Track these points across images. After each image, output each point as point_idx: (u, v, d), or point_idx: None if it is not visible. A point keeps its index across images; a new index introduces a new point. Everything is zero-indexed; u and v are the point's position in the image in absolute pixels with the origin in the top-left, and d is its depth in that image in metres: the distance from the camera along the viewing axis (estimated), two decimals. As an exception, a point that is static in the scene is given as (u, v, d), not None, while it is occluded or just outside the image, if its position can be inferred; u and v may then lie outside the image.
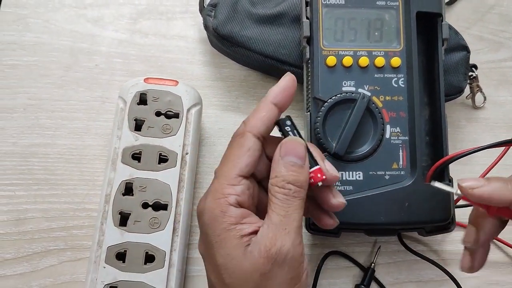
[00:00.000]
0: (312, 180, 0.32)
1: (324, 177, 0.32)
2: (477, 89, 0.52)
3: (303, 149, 0.31)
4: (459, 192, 0.32)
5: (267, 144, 0.34)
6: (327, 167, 0.33)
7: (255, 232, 0.30)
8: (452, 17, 0.56)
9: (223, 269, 0.29)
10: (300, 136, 0.34)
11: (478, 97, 0.52)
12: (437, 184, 0.35)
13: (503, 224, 0.34)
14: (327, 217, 0.35)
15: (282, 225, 0.29)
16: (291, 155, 0.31)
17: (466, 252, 0.36)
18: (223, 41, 0.48)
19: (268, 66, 0.49)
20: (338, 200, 0.33)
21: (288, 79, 0.33)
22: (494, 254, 0.48)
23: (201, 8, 0.50)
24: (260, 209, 0.33)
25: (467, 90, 0.51)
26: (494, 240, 0.47)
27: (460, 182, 0.31)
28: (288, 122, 0.34)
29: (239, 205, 0.30)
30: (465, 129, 0.52)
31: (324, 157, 0.34)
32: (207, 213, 0.30)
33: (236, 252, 0.29)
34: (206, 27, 0.49)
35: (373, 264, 0.45)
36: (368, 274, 0.45)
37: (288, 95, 0.33)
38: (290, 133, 0.34)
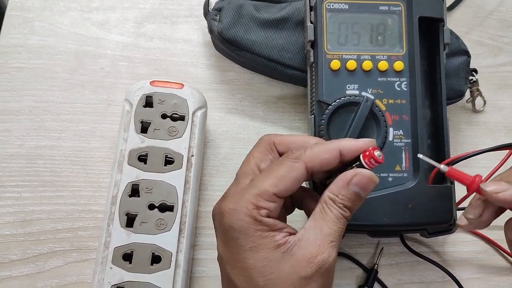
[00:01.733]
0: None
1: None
2: (477, 93, 0.53)
3: (373, 187, 0.33)
4: (445, 169, 0.35)
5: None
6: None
7: (288, 236, 0.31)
8: (452, 23, 0.57)
9: (257, 271, 0.30)
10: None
11: (478, 101, 0.53)
12: (422, 157, 0.37)
13: None
14: None
15: (331, 238, 0.31)
16: (362, 188, 0.32)
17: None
18: (227, 44, 0.49)
19: (272, 70, 0.49)
20: None
21: (371, 142, 0.33)
22: (495, 258, 0.48)
23: (206, 12, 0.50)
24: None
25: (467, 94, 0.52)
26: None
27: (484, 186, 0.33)
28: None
29: (268, 217, 0.31)
30: (465, 132, 0.53)
31: None
32: (236, 218, 0.31)
33: (274, 255, 0.30)
34: (211, 31, 0.49)
35: (376, 266, 0.46)
36: (371, 275, 0.45)
37: (357, 156, 0.33)
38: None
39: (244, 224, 0.30)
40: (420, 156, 0.38)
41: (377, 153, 0.32)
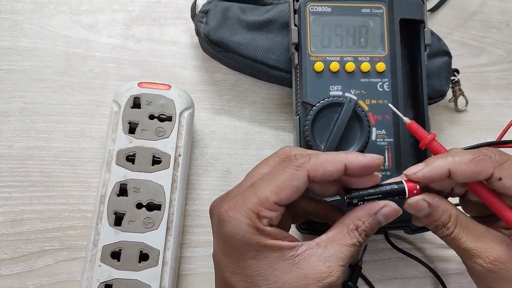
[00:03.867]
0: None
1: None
2: (459, 92, 0.54)
3: (396, 217, 0.33)
4: (407, 121, 0.36)
5: (318, 184, 0.34)
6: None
7: (292, 248, 0.31)
8: (435, 24, 0.58)
9: (261, 279, 0.30)
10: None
11: (460, 100, 0.54)
12: (391, 106, 0.38)
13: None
14: None
15: (342, 262, 0.31)
16: (386, 219, 0.32)
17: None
18: (214, 46, 0.49)
19: (258, 71, 0.50)
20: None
21: (378, 159, 0.32)
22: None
23: (193, 15, 0.51)
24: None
25: (449, 94, 0.53)
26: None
27: (405, 172, 0.33)
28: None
29: (270, 226, 0.31)
30: (448, 131, 0.54)
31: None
32: (237, 228, 0.30)
33: (279, 264, 0.30)
34: (198, 33, 0.50)
35: (360, 262, 0.47)
36: (355, 271, 0.46)
37: (364, 172, 0.32)
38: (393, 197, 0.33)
39: (246, 234, 0.30)
40: (389, 105, 0.39)
41: (420, 188, 0.33)
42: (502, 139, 0.47)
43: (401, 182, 0.33)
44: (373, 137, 0.44)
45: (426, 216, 0.33)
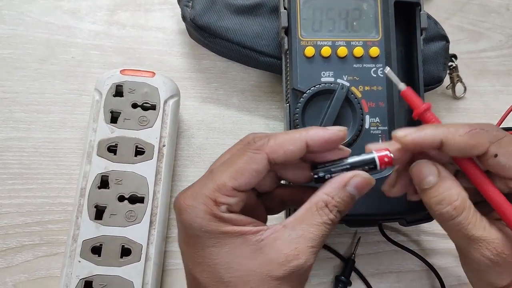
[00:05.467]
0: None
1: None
2: (457, 79, 0.52)
3: (369, 188, 0.31)
4: (403, 87, 0.33)
5: (282, 166, 0.32)
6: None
7: (256, 232, 0.29)
8: (432, 8, 0.56)
9: (222, 267, 0.28)
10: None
11: (458, 87, 0.52)
12: (388, 71, 0.35)
13: None
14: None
15: (311, 243, 0.28)
16: (358, 191, 0.30)
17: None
18: (200, 32, 0.47)
19: (247, 57, 0.48)
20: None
21: (340, 131, 0.30)
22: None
23: (179, -1, 0.49)
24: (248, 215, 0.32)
25: (447, 80, 0.51)
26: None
27: (393, 132, 0.31)
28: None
29: (231, 212, 0.29)
30: (445, 119, 0.52)
31: None
32: (194, 216, 0.28)
33: (241, 250, 0.28)
34: (183, 17, 0.48)
35: (353, 255, 0.45)
36: (348, 265, 0.45)
37: (327, 147, 0.30)
38: (362, 167, 0.31)
39: (204, 222, 0.28)
40: (386, 68, 0.35)
41: (391, 154, 0.31)
42: (501, 126, 0.45)
43: (371, 152, 0.31)
44: (367, 126, 0.42)
45: (430, 187, 0.30)
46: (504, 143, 0.30)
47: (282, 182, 0.34)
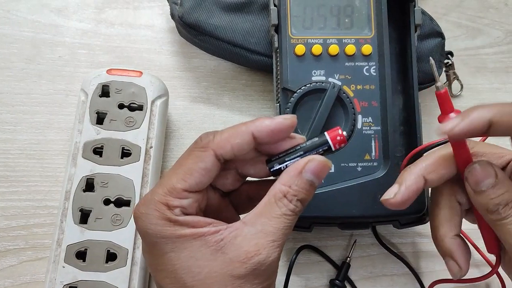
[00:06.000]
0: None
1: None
2: (454, 76, 0.51)
3: (327, 171, 0.29)
4: (441, 88, 0.31)
5: (241, 162, 0.31)
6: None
7: (216, 233, 0.28)
8: (429, 4, 0.55)
9: (183, 272, 0.27)
10: None
11: (455, 85, 0.51)
12: (432, 61, 0.33)
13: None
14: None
15: (272, 237, 0.28)
16: (316, 176, 0.29)
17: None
18: (190, 30, 0.46)
19: (237, 56, 0.47)
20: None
21: (285, 119, 0.29)
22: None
23: (168, -4, 0.48)
24: (215, 217, 0.31)
25: (443, 78, 0.50)
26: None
27: (441, 127, 0.28)
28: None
29: (185, 214, 0.28)
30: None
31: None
32: (148, 223, 0.28)
33: (201, 253, 0.27)
34: (172, 15, 0.47)
35: (348, 259, 0.44)
36: (343, 269, 0.43)
37: (276, 137, 0.29)
38: (316, 151, 0.30)
39: (158, 227, 0.27)
40: (430, 59, 0.33)
41: (343, 132, 0.30)
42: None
43: (323, 135, 0.30)
44: (359, 126, 0.41)
45: (489, 187, 0.29)
46: None
47: (249, 178, 0.33)
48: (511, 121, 0.28)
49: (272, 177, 0.31)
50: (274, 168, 0.30)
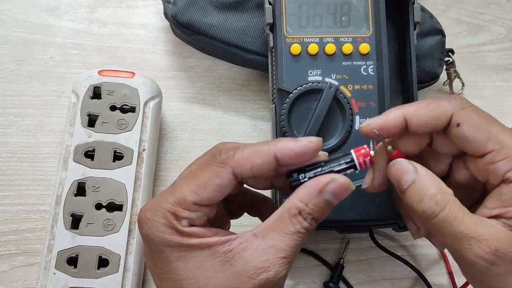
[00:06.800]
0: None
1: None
2: (455, 75, 0.49)
3: (348, 194, 0.28)
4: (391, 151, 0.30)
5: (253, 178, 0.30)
6: None
7: (225, 242, 0.27)
8: (429, 0, 0.53)
9: (190, 282, 0.27)
10: None
11: (456, 83, 0.50)
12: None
13: None
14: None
15: (283, 253, 0.27)
16: (336, 197, 0.28)
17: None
18: (183, 29, 0.45)
19: (232, 55, 0.46)
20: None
21: (311, 143, 0.28)
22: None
23: (161, -6, 0.47)
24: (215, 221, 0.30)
25: (444, 76, 0.49)
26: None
27: (359, 125, 0.30)
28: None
29: (193, 226, 0.28)
30: (442, 117, 0.50)
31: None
32: (155, 230, 0.27)
33: (208, 263, 0.27)
34: (165, 14, 0.46)
35: (341, 260, 0.43)
36: (337, 271, 0.43)
37: (299, 160, 0.28)
38: (343, 171, 0.29)
39: (165, 235, 0.26)
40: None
41: (371, 152, 0.29)
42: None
43: (349, 152, 0.29)
44: (357, 127, 0.40)
45: (410, 185, 0.28)
46: (468, 112, 0.29)
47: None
48: (423, 116, 0.28)
49: (271, 189, 0.31)
50: (295, 184, 0.29)
